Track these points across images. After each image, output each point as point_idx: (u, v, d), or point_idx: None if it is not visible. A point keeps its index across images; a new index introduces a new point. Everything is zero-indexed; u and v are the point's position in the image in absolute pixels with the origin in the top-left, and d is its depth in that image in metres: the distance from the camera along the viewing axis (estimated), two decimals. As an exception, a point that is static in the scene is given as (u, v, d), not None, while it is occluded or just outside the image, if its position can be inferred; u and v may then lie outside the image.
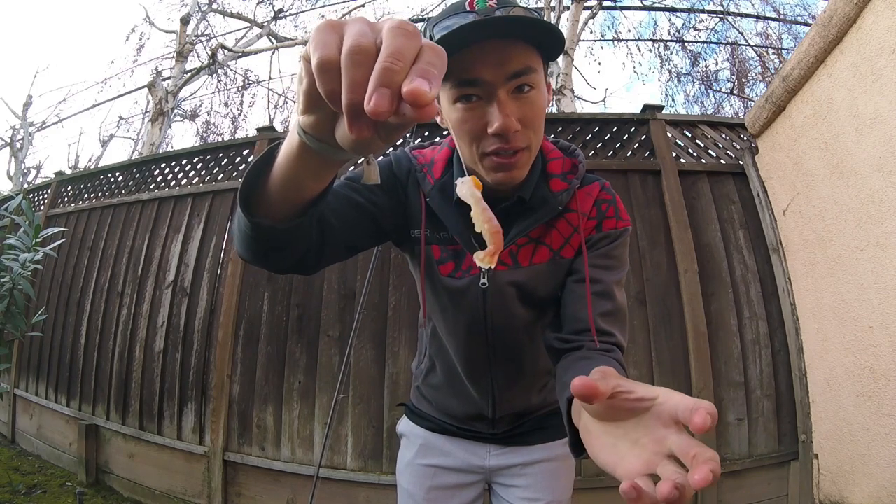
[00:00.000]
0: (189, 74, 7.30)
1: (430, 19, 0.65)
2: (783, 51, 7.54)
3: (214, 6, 7.99)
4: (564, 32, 5.78)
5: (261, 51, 8.04)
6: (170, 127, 7.25)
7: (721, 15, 7.50)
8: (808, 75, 1.92)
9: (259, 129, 2.74)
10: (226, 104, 9.44)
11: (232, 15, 8.05)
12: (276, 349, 2.30)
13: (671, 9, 7.71)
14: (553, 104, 5.58)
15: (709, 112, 8.54)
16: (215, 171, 2.80)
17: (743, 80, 8.32)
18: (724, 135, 2.50)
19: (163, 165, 3.06)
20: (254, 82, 9.21)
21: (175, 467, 2.39)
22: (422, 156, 0.79)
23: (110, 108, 23.28)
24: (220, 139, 9.07)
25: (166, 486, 2.39)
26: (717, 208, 2.32)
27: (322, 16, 8.54)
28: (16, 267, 1.78)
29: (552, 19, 5.88)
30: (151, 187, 3.04)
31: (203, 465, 2.30)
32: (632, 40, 8.07)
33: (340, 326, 2.24)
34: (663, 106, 2.51)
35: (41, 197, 3.81)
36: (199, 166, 2.88)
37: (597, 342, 0.67)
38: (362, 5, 8.21)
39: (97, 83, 10.96)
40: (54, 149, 32.14)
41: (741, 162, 2.39)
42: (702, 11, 7.75)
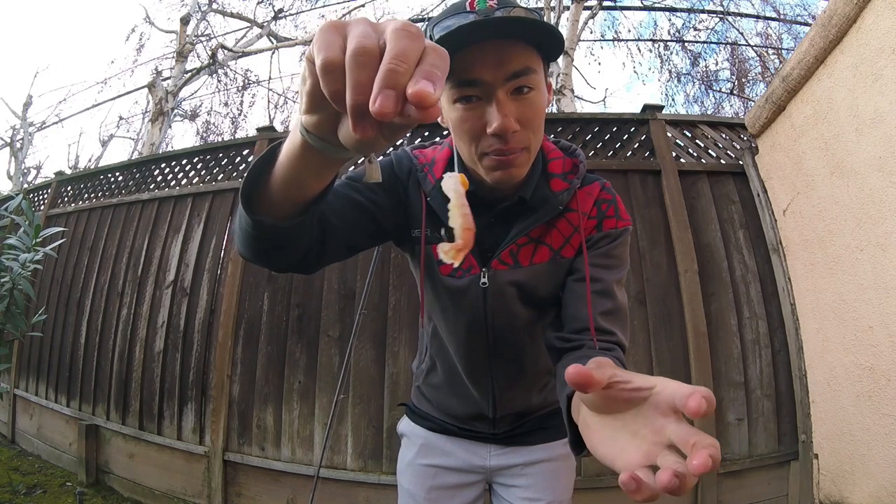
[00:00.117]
0: (189, 74, 7.30)
1: (431, 19, 0.65)
2: (783, 51, 7.54)
3: (214, 6, 7.99)
4: (564, 32, 5.79)
5: (261, 51, 8.04)
6: (170, 127, 7.25)
7: (721, 15, 7.50)
8: (808, 75, 1.92)
9: (259, 129, 2.74)
10: (226, 104, 9.46)
11: (232, 15, 8.05)
12: (276, 349, 2.30)
13: (671, 9, 7.71)
14: (553, 104, 5.58)
15: (709, 112, 8.55)
16: (215, 171, 2.80)
17: (743, 80, 8.32)
18: (724, 135, 2.50)
19: (163, 165, 3.06)
20: (254, 82, 9.22)
21: (175, 467, 2.39)
22: (423, 155, 0.79)
23: (110, 108, 23.31)
24: (220, 139, 9.08)
25: (166, 486, 2.39)
26: (717, 208, 2.32)
27: (322, 16, 8.54)
28: (16, 267, 1.78)
29: (552, 19, 5.88)
30: (151, 187, 3.04)
31: (203, 465, 2.30)
32: (632, 40, 8.08)
33: (340, 326, 2.24)
34: (663, 106, 2.51)
35: (41, 197, 3.81)
36: (199, 166, 2.88)
37: (596, 342, 0.67)
38: (362, 5, 8.22)
39: (97, 83, 10.98)
40: (54, 149, 32.15)
41: (741, 162, 2.39)
42: (702, 11, 7.75)
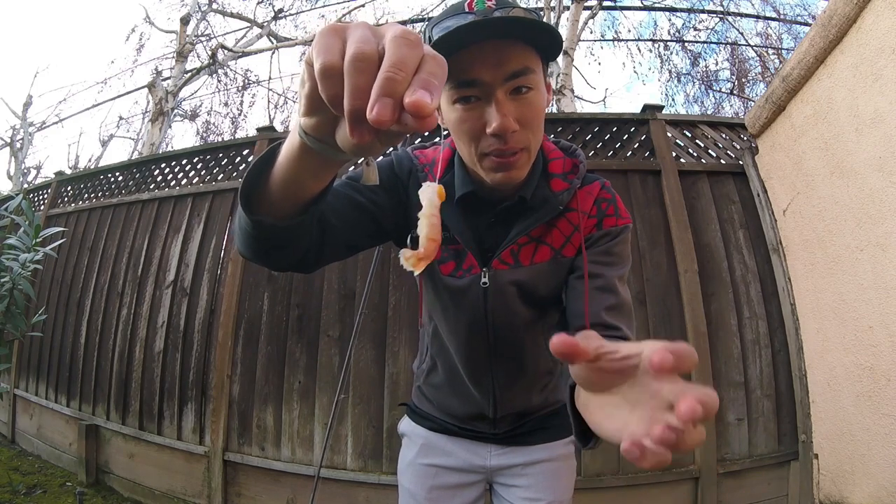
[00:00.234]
0: (189, 74, 7.30)
1: (431, 20, 0.65)
2: (783, 51, 7.54)
3: (214, 6, 7.99)
4: (564, 32, 5.79)
5: (261, 51, 8.04)
6: (170, 127, 7.25)
7: (721, 15, 7.50)
8: (808, 75, 1.92)
9: (259, 129, 2.74)
10: (226, 104, 9.46)
11: (232, 15, 8.05)
12: (276, 349, 2.30)
13: (671, 9, 7.71)
14: (553, 104, 5.58)
15: (709, 112, 8.55)
16: (215, 171, 2.80)
17: (743, 80, 8.32)
18: (724, 135, 2.50)
19: (163, 165, 3.06)
20: (254, 82, 9.22)
21: (175, 467, 2.39)
22: (423, 156, 0.79)
23: (110, 108, 23.29)
24: (220, 139, 9.08)
25: (166, 486, 2.39)
26: (717, 208, 2.32)
27: (322, 16, 8.55)
28: (16, 267, 1.78)
29: (552, 19, 5.88)
30: (151, 187, 3.04)
31: (203, 465, 2.30)
32: (632, 40, 8.08)
33: (340, 326, 2.24)
34: (663, 106, 2.51)
35: (41, 197, 3.81)
36: (199, 166, 2.88)
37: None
38: (362, 5, 8.22)
39: (97, 83, 10.98)
40: (54, 149, 32.15)
41: (741, 162, 2.39)
42: (702, 11, 7.75)
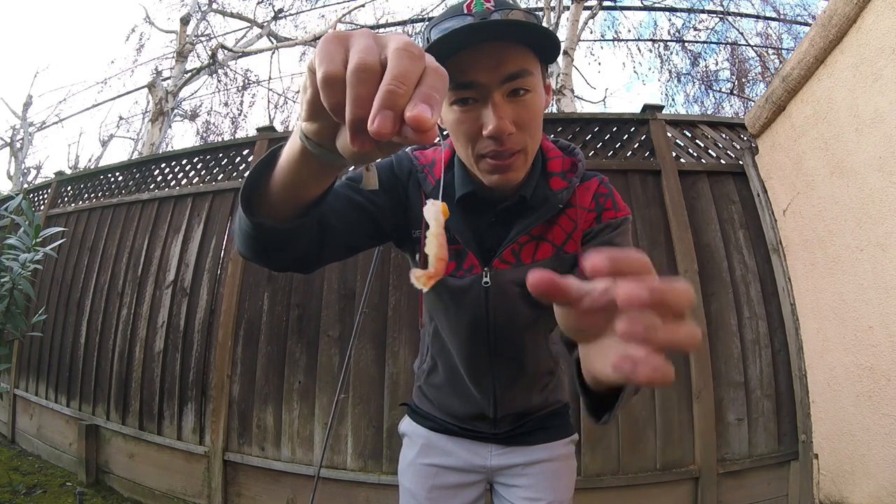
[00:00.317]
0: (189, 74, 7.30)
1: (430, 21, 0.66)
2: (783, 51, 7.54)
3: (214, 6, 7.99)
4: (564, 32, 5.79)
5: (261, 51, 8.04)
6: (170, 127, 7.25)
7: (721, 15, 7.50)
8: (808, 75, 1.92)
9: (259, 129, 2.74)
10: (226, 104, 9.46)
11: (232, 15, 8.05)
12: (276, 349, 2.30)
13: (671, 9, 7.71)
14: (553, 104, 5.58)
15: (709, 112, 8.55)
16: (215, 171, 2.80)
17: (743, 80, 8.32)
18: (724, 135, 2.50)
19: (163, 165, 3.06)
20: (254, 82, 9.22)
21: (175, 467, 2.39)
22: (423, 156, 0.79)
23: (110, 108, 23.32)
24: (220, 139, 9.08)
25: (166, 486, 2.39)
26: (717, 208, 2.32)
27: (322, 16, 8.55)
28: (16, 267, 1.78)
29: (552, 19, 5.88)
30: (151, 187, 3.04)
31: (203, 465, 2.30)
32: (632, 40, 8.08)
33: (340, 326, 2.24)
34: (663, 106, 2.51)
35: (41, 197, 3.81)
36: (199, 166, 2.88)
37: None
38: (362, 5, 8.22)
39: (97, 83, 10.98)
40: (54, 149, 32.15)
41: (741, 162, 2.39)
42: (702, 11, 7.76)
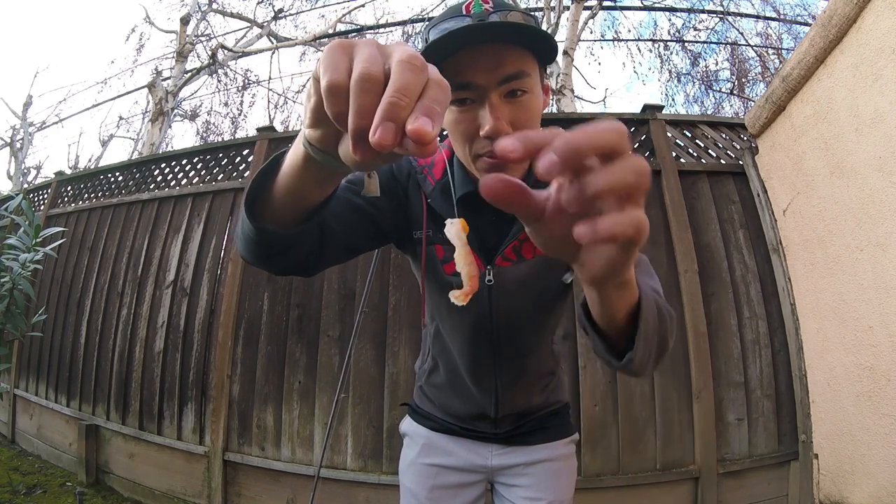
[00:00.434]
0: (189, 74, 7.30)
1: (429, 21, 0.66)
2: (783, 51, 7.54)
3: (214, 6, 7.99)
4: (564, 32, 5.78)
5: (261, 51, 8.04)
6: (170, 127, 7.25)
7: (721, 15, 7.50)
8: (808, 75, 1.92)
9: (259, 129, 2.74)
10: (226, 104, 9.45)
11: (232, 15, 8.05)
12: (276, 349, 2.30)
13: (671, 9, 7.71)
14: (553, 104, 5.58)
15: (709, 112, 8.55)
16: (215, 171, 2.80)
17: (743, 80, 8.32)
18: (724, 135, 2.50)
19: (163, 165, 3.06)
20: (254, 82, 9.22)
21: (175, 467, 2.39)
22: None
23: (110, 108, 23.35)
24: (220, 139, 9.09)
25: (166, 486, 2.39)
26: (717, 208, 2.32)
27: (322, 16, 8.55)
28: (16, 267, 1.78)
29: (552, 19, 5.88)
30: (151, 187, 3.04)
31: (203, 465, 2.30)
32: (632, 40, 8.08)
33: (340, 326, 2.24)
34: (663, 106, 2.51)
35: (41, 197, 3.81)
36: (199, 166, 2.88)
37: None
38: (362, 5, 8.22)
39: (97, 83, 10.99)
40: (54, 149, 32.16)
41: (741, 162, 2.39)
42: (702, 11, 7.75)
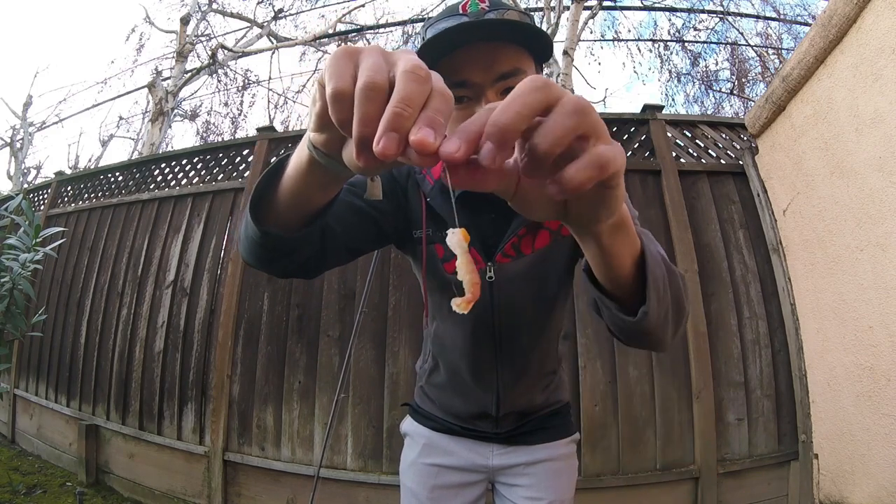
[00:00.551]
0: (189, 74, 7.30)
1: (427, 20, 0.66)
2: (783, 51, 7.54)
3: (214, 6, 7.99)
4: (564, 32, 5.78)
5: (261, 51, 8.04)
6: (170, 127, 7.25)
7: (721, 15, 7.50)
8: (808, 75, 1.92)
9: (259, 129, 2.74)
10: (226, 104, 9.46)
11: (232, 15, 8.05)
12: (276, 349, 2.30)
13: (671, 9, 7.71)
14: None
15: (709, 112, 8.55)
16: (215, 171, 2.80)
17: (743, 80, 8.32)
18: (724, 135, 2.50)
19: (163, 165, 3.06)
20: (254, 82, 9.22)
21: (175, 467, 2.39)
22: None
23: (110, 108, 23.36)
24: (220, 139, 9.09)
25: (166, 486, 2.39)
26: (717, 208, 2.32)
27: (322, 16, 8.55)
28: (16, 267, 1.78)
29: (552, 19, 5.88)
30: (151, 187, 3.04)
31: (203, 465, 2.30)
32: (632, 40, 8.07)
33: (340, 326, 2.24)
34: (663, 106, 2.51)
35: (41, 197, 3.81)
36: (199, 166, 2.88)
37: None
38: (362, 5, 8.22)
39: (97, 83, 11.00)
40: (54, 149, 32.16)
41: (741, 162, 2.39)
42: (702, 11, 7.75)
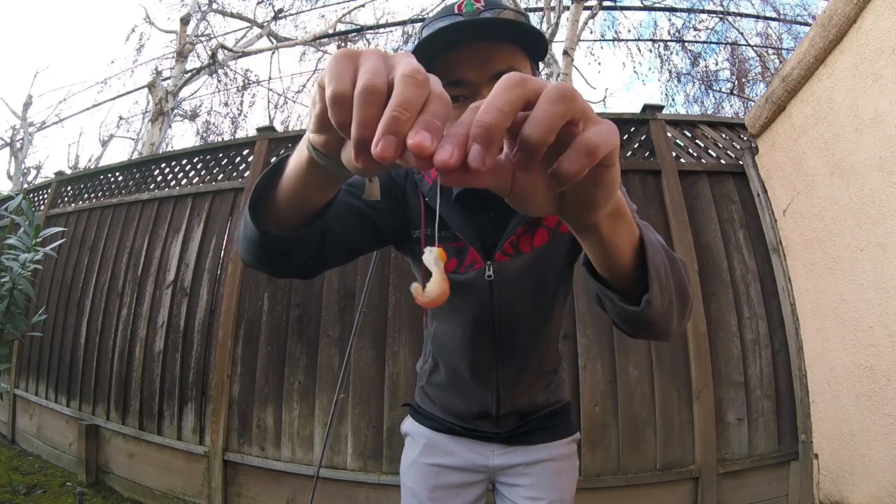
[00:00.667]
0: (189, 74, 7.30)
1: (424, 21, 0.66)
2: (783, 51, 7.55)
3: (214, 6, 7.99)
4: (564, 32, 5.78)
5: (261, 51, 8.04)
6: (170, 127, 7.25)
7: (721, 15, 7.50)
8: (808, 75, 1.92)
9: (259, 129, 2.74)
10: (226, 104, 9.46)
11: (232, 15, 8.05)
12: (276, 349, 2.30)
13: (671, 9, 7.71)
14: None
15: (709, 112, 8.55)
16: (215, 171, 2.80)
17: (743, 80, 8.33)
18: (724, 135, 2.50)
19: (163, 165, 3.06)
20: (254, 82, 9.23)
21: (175, 467, 2.39)
22: None
23: (110, 108, 23.31)
24: (220, 139, 9.09)
25: (166, 486, 2.39)
26: (717, 208, 2.32)
27: (322, 16, 8.55)
28: (16, 267, 1.78)
29: (552, 19, 5.88)
30: (151, 187, 3.04)
31: (203, 465, 2.30)
32: (632, 40, 8.08)
33: (340, 326, 2.24)
34: (663, 106, 2.51)
35: (41, 197, 3.81)
36: (199, 166, 2.88)
37: None
38: (362, 5, 8.22)
39: (97, 83, 10.99)
40: (54, 149, 32.14)
41: (741, 162, 2.39)
42: (702, 11, 7.76)
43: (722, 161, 2.45)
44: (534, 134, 0.28)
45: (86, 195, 3.43)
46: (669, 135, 2.41)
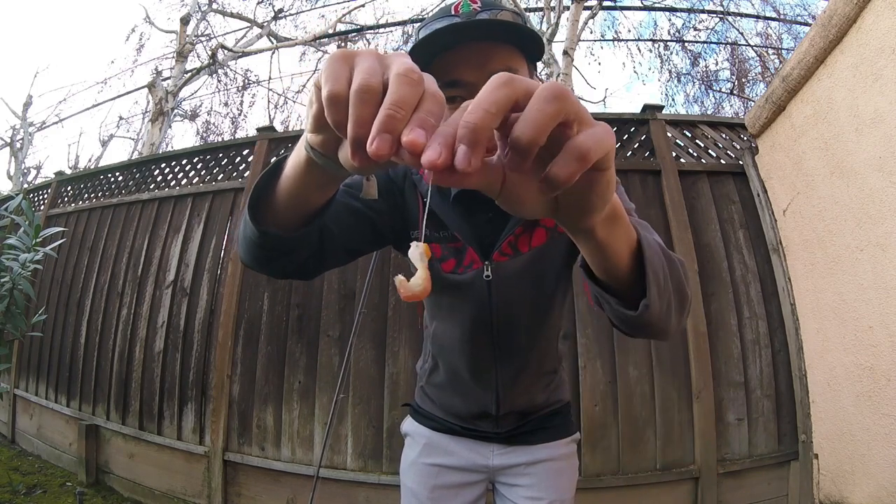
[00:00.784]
0: (189, 74, 7.30)
1: (421, 22, 0.67)
2: (783, 51, 7.55)
3: (214, 6, 8.00)
4: (564, 32, 5.78)
5: (261, 51, 8.04)
6: (170, 127, 7.25)
7: (721, 15, 7.50)
8: (808, 75, 1.92)
9: (259, 129, 2.74)
10: (226, 104, 9.47)
11: (232, 15, 8.05)
12: (276, 349, 2.30)
13: (671, 9, 7.71)
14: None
15: (709, 112, 8.56)
16: (215, 171, 2.80)
17: (743, 80, 8.33)
18: (724, 135, 2.50)
19: (163, 165, 3.06)
20: (254, 82, 9.23)
21: (175, 467, 2.39)
22: None
23: (110, 108, 23.35)
24: (220, 139, 9.09)
25: (166, 486, 2.39)
26: (717, 208, 2.32)
27: (322, 16, 8.55)
28: (16, 267, 1.78)
29: (552, 19, 5.87)
30: (151, 187, 3.04)
31: (203, 465, 2.30)
32: (632, 40, 8.08)
33: (340, 326, 2.24)
34: (663, 106, 2.51)
35: (41, 197, 3.81)
36: (199, 166, 2.88)
37: None
38: (362, 5, 8.22)
39: (97, 83, 11.01)
40: (54, 149, 32.17)
41: (741, 162, 2.39)
42: (702, 11, 7.76)
43: (722, 161, 2.45)
44: (524, 134, 0.28)
45: (86, 195, 3.44)
46: (669, 135, 2.41)
